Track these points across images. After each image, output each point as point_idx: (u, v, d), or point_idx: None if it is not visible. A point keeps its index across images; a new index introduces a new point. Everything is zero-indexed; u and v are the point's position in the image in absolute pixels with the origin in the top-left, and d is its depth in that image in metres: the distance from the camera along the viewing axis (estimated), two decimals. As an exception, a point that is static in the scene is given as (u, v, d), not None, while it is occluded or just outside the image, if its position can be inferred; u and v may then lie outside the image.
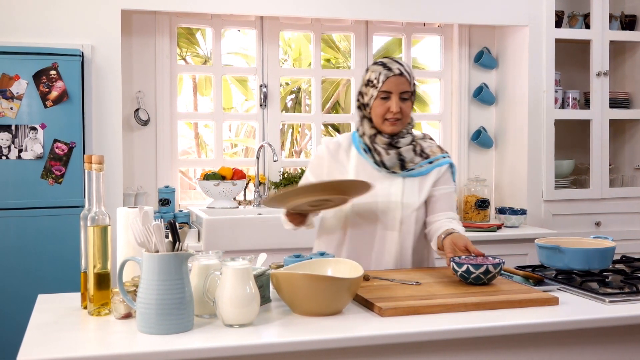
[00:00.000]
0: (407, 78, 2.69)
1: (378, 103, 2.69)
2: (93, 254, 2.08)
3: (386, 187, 2.72)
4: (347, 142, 2.82)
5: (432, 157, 2.79)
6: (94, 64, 3.92)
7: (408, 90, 2.69)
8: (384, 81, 2.66)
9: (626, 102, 4.92)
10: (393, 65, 2.69)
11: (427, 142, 2.84)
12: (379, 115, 2.70)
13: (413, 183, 2.74)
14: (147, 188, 4.40)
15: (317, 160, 2.83)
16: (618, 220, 4.81)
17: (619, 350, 2.16)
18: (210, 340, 1.84)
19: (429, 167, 2.77)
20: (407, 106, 2.70)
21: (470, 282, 2.32)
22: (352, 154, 2.78)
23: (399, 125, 2.70)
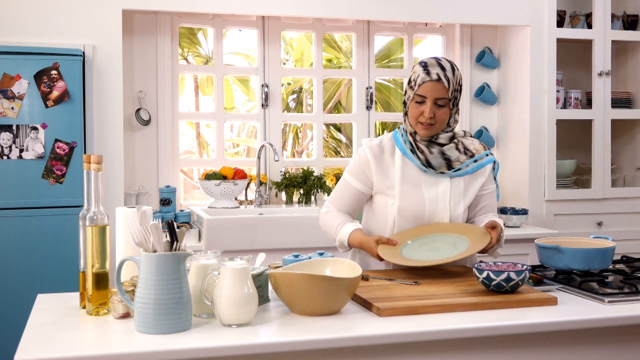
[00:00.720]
0: (445, 85, 2.60)
1: (413, 106, 2.65)
2: (91, 254, 2.08)
3: (434, 188, 2.68)
4: (390, 143, 2.76)
5: (477, 156, 2.74)
6: (95, 64, 3.92)
7: (444, 97, 2.61)
8: (420, 85, 2.61)
9: (628, 102, 4.91)
10: (433, 70, 2.62)
11: (469, 140, 2.78)
12: (413, 118, 2.67)
13: (459, 183, 2.70)
14: (149, 188, 4.40)
15: (359, 165, 2.74)
16: (620, 221, 4.80)
17: (618, 350, 2.16)
18: (208, 340, 1.84)
19: (474, 166, 2.72)
20: (442, 112, 2.63)
21: (493, 289, 2.23)
22: (397, 156, 2.72)
23: (432, 130, 2.65)
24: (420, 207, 2.65)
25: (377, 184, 2.70)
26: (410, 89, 2.66)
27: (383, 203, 2.71)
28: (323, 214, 2.80)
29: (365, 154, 2.73)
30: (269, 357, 1.86)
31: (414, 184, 2.67)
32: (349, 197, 2.76)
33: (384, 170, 2.70)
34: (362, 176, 2.73)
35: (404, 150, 2.71)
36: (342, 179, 2.80)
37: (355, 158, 2.79)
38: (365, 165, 2.72)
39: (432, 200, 2.66)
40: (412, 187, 2.67)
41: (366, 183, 2.72)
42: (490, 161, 2.75)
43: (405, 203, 2.65)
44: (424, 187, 2.67)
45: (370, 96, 4.87)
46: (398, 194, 2.66)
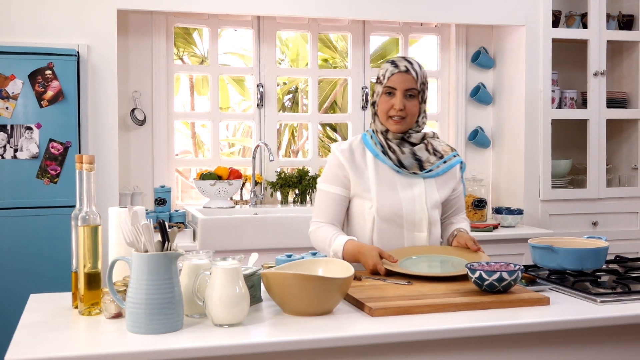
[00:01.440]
0: (414, 76, 2.67)
1: (383, 99, 2.70)
2: (83, 254, 2.08)
3: (409, 189, 2.71)
4: (360, 146, 2.77)
5: (446, 157, 2.79)
6: (90, 64, 3.92)
7: (414, 87, 2.67)
8: (389, 77, 2.67)
9: (623, 102, 4.92)
10: (400, 63, 2.69)
11: (437, 141, 2.84)
12: (383, 112, 2.70)
13: (432, 184, 2.75)
14: (144, 188, 4.40)
15: (334, 170, 2.73)
16: (615, 220, 4.81)
17: (610, 350, 2.16)
18: (199, 340, 1.84)
19: (444, 167, 2.77)
20: (412, 105, 2.68)
21: (485, 289, 2.23)
22: (369, 159, 2.73)
23: (403, 124, 2.69)
24: (398, 208, 2.67)
25: (354, 186, 2.70)
26: (379, 84, 2.71)
27: (360, 207, 2.71)
28: (313, 232, 2.75)
29: (337, 158, 2.73)
30: (260, 357, 1.86)
31: (390, 186, 2.70)
32: (332, 206, 2.73)
33: (358, 173, 2.71)
34: (339, 180, 2.72)
35: (375, 152, 2.73)
36: (320, 191, 2.77)
37: (327, 165, 2.78)
38: (340, 169, 2.72)
39: (409, 201, 2.69)
40: (388, 189, 2.69)
41: (345, 186, 2.72)
42: (458, 162, 2.82)
43: (382, 205, 2.66)
44: (400, 189, 2.70)
45: (366, 96, 4.86)
46: (375, 196, 2.67)
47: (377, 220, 2.67)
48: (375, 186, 2.68)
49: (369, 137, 2.78)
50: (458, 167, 2.83)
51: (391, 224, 2.68)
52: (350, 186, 2.71)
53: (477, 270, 2.22)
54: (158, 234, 1.93)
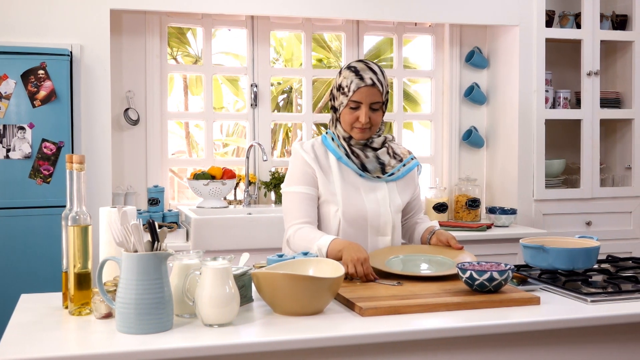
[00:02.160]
0: (379, 89, 2.64)
1: (347, 111, 2.66)
2: (73, 254, 2.08)
3: (373, 193, 2.72)
4: (322, 148, 2.74)
5: (405, 159, 2.81)
6: (83, 64, 3.91)
7: (379, 101, 2.65)
8: (355, 91, 2.62)
9: (617, 102, 4.92)
10: (366, 75, 2.63)
11: (395, 144, 2.87)
12: (347, 123, 2.68)
13: (394, 186, 2.77)
14: (137, 188, 4.39)
15: (301, 169, 2.69)
16: (609, 220, 4.81)
17: (600, 350, 2.16)
18: (189, 340, 1.84)
19: (404, 171, 2.80)
20: (377, 116, 2.67)
21: (476, 289, 2.23)
22: (332, 162, 2.72)
23: (367, 133, 2.69)
24: (363, 212, 2.68)
25: (321, 187, 2.67)
26: (344, 95, 2.65)
27: (326, 210, 2.70)
28: (292, 237, 2.66)
29: (303, 157, 2.69)
30: (250, 357, 1.86)
31: (354, 189, 2.69)
32: (306, 205, 2.66)
33: (324, 174, 2.68)
34: (308, 179, 2.68)
35: (338, 155, 2.71)
36: (288, 194, 2.70)
37: (292, 166, 2.72)
38: (308, 167, 2.68)
39: (373, 205, 2.69)
40: (353, 192, 2.69)
41: (314, 185, 2.68)
42: (415, 164, 2.85)
43: (348, 208, 2.66)
44: (364, 192, 2.70)
45: (360, 96, 4.85)
46: (340, 199, 2.66)
47: (343, 224, 2.67)
48: (341, 189, 2.67)
49: (329, 139, 2.75)
50: (416, 170, 2.86)
51: (356, 227, 2.68)
52: (319, 186, 2.67)
53: (467, 270, 2.23)
54: (148, 234, 1.93)
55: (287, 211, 2.70)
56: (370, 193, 2.71)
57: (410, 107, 7.73)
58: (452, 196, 4.79)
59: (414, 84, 8.47)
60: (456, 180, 4.89)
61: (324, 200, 2.68)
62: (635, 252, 4.79)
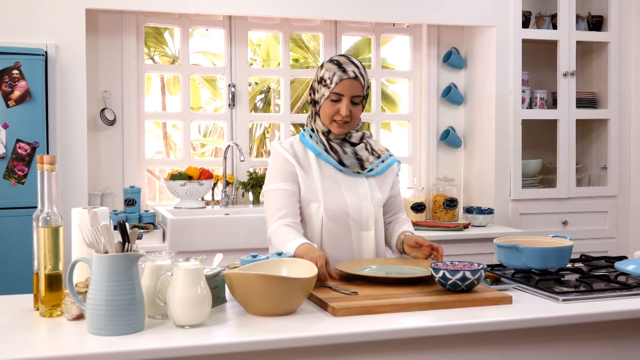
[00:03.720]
0: (361, 82, 2.66)
1: (328, 104, 2.67)
2: (44, 255, 2.07)
3: (353, 188, 2.72)
4: (300, 146, 2.75)
5: (383, 156, 2.82)
6: (59, 64, 3.89)
7: (360, 94, 2.67)
8: (337, 83, 2.63)
9: (593, 102, 4.96)
10: (348, 67, 2.65)
11: (373, 141, 2.87)
12: (327, 116, 2.68)
13: (373, 183, 2.78)
14: (114, 188, 4.37)
15: (281, 166, 2.68)
16: (585, 220, 4.85)
17: (571, 348, 2.17)
18: (160, 341, 1.83)
19: (383, 167, 2.81)
20: (357, 110, 2.68)
21: (449, 289, 2.24)
22: (311, 159, 2.72)
23: (346, 127, 2.70)
24: (344, 207, 2.68)
25: (302, 185, 2.67)
26: (325, 87, 2.65)
27: (308, 209, 2.69)
28: (271, 235, 2.64)
29: (282, 155, 2.69)
30: (221, 358, 1.85)
31: (335, 185, 2.70)
32: (285, 200, 2.64)
33: (304, 171, 2.69)
34: (288, 176, 2.67)
35: (317, 150, 2.72)
36: (269, 192, 2.68)
37: (272, 165, 2.72)
38: (287, 164, 2.68)
39: (354, 200, 2.70)
40: (334, 188, 2.69)
41: (294, 181, 2.67)
42: (394, 161, 2.85)
43: (329, 204, 2.66)
44: (344, 188, 2.70)
45: (338, 96, 4.86)
46: (321, 195, 2.66)
47: (325, 220, 2.67)
48: (321, 185, 2.67)
49: (307, 136, 2.76)
50: (395, 165, 2.86)
51: (339, 223, 2.68)
52: (300, 183, 2.67)
53: (440, 270, 2.23)
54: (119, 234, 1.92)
55: (268, 209, 2.68)
56: (350, 188, 2.71)
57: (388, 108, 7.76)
58: (430, 196, 4.81)
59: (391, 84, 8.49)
60: (434, 180, 4.91)
61: (306, 198, 2.68)
62: (611, 251, 4.83)
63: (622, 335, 2.23)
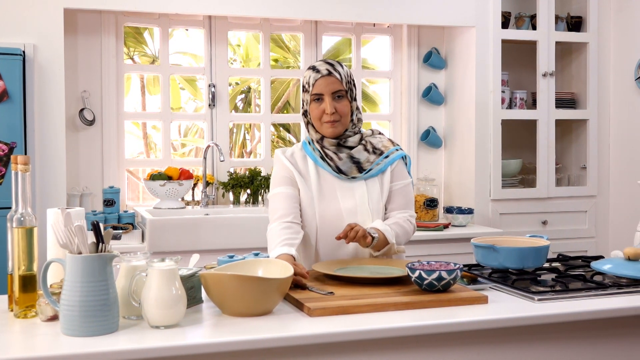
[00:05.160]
0: (337, 77, 2.67)
1: (313, 107, 2.69)
2: (18, 256, 2.05)
3: (350, 193, 2.71)
4: (300, 153, 2.79)
5: (387, 152, 2.79)
6: (37, 64, 3.86)
7: (340, 89, 2.67)
8: (313, 84, 2.67)
9: (572, 102, 4.98)
10: (322, 67, 2.68)
11: (377, 138, 2.83)
12: (316, 119, 2.70)
13: (375, 183, 2.75)
14: (93, 189, 4.35)
15: (282, 173, 2.74)
16: (564, 219, 4.87)
17: (546, 348, 2.18)
18: (135, 341, 1.83)
19: (386, 162, 2.77)
20: (343, 105, 2.68)
21: (425, 288, 2.24)
22: (310, 166, 2.75)
23: (338, 126, 2.70)
24: (338, 213, 2.69)
25: (301, 192, 2.71)
26: (306, 92, 2.71)
27: (306, 215, 2.71)
28: (267, 235, 2.69)
29: (282, 162, 2.76)
30: (196, 359, 1.85)
31: (331, 195, 2.71)
32: (285, 202, 2.69)
33: (303, 178, 2.73)
34: (287, 181, 2.73)
35: (314, 157, 2.75)
36: (270, 198, 2.75)
37: (274, 171, 2.79)
38: (286, 171, 2.74)
39: (350, 211, 2.69)
40: (330, 194, 2.71)
41: (293, 185, 2.72)
42: (399, 155, 2.81)
43: (324, 211, 2.68)
44: (341, 197, 2.71)
45: (318, 96, 4.86)
46: (317, 202, 2.69)
47: (320, 226, 2.69)
48: (317, 192, 2.70)
49: (307, 143, 2.80)
50: (399, 160, 2.80)
51: (334, 228, 2.66)
52: (299, 187, 2.72)
53: (417, 270, 2.24)
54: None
55: (269, 212, 2.74)
56: (347, 194, 2.71)
57: (369, 108, 7.76)
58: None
59: (372, 84, 8.50)
60: (414, 180, 4.91)
61: (303, 205, 2.71)
62: (591, 250, 4.86)
63: (597, 334, 2.25)
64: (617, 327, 2.27)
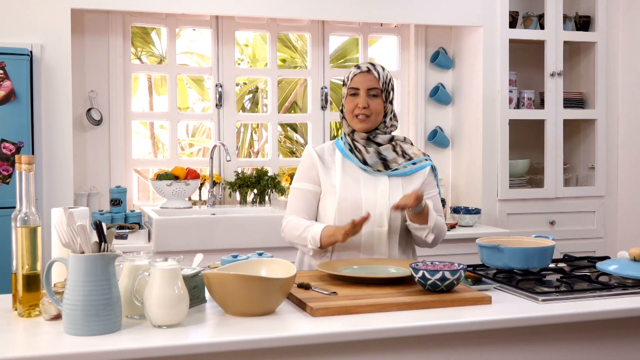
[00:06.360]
0: (375, 75, 2.75)
1: (348, 100, 2.79)
2: (21, 255, 2.06)
3: (372, 185, 2.76)
4: (331, 147, 2.88)
5: (416, 159, 2.83)
6: (44, 64, 3.88)
7: (376, 87, 2.75)
8: (352, 78, 2.78)
9: (581, 102, 4.96)
10: (363, 65, 2.80)
11: (408, 145, 2.90)
12: (349, 112, 2.79)
13: (397, 182, 2.79)
14: (100, 188, 4.36)
15: (306, 167, 2.84)
16: (572, 220, 4.85)
17: (549, 348, 2.17)
18: (137, 341, 1.83)
19: (412, 168, 2.82)
20: (376, 103, 2.76)
21: (429, 289, 2.23)
22: (337, 157, 2.83)
23: (368, 122, 2.77)
24: (358, 201, 2.73)
25: (322, 183, 2.79)
26: (345, 87, 2.82)
27: (324, 202, 2.80)
28: (285, 227, 2.80)
29: (310, 155, 2.85)
30: (198, 358, 1.85)
31: (354, 181, 2.77)
32: (303, 201, 2.81)
33: (326, 170, 2.81)
34: (310, 177, 2.82)
35: (343, 151, 2.83)
36: (292, 189, 2.87)
37: (300, 165, 2.89)
38: (312, 165, 2.82)
39: (370, 196, 2.74)
40: (352, 184, 2.77)
41: (315, 182, 2.81)
42: (428, 165, 2.86)
43: (343, 197, 2.73)
44: (363, 185, 2.76)
45: (325, 96, 4.87)
46: (338, 189, 2.75)
47: (338, 212, 2.73)
48: (340, 181, 2.76)
49: (340, 140, 2.89)
50: (428, 169, 2.84)
51: (352, 216, 2.66)
52: (320, 181, 2.80)
53: (420, 270, 2.23)
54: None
55: (288, 204, 2.86)
56: (369, 185, 2.76)
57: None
58: (418, 196, 4.80)
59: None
60: (421, 180, 4.90)
61: (324, 193, 2.80)
62: (599, 251, 4.83)
63: (602, 335, 2.23)
64: (622, 327, 2.25)
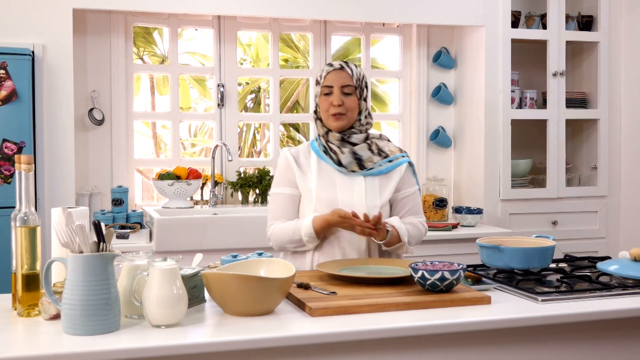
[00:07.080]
0: (349, 72, 2.74)
1: (322, 99, 2.77)
2: (21, 255, 2.06)
3: (349, 186, 2.74)
4: (306, 149, 2.86)
5: (392, 157, 2.81)
6: (46, 64, 3.88)
7: (350, 84, 2.74)
8: (325, 76, 2.76)
9: (583, 102, 4.95)
10: (336, 63, 2.78)
11: (384, 142, 2.87)
12: (324, 111, 2.77)
13: (374, 182, 2.78)
14: (102, 188, 4.37)
15: (282, 171, 2.82)
16: (575, 220, 4.84)
17: (549, 348, 2.17)
18: (135, 341, 1.83)
19: (389, 166, 2.80)
20: (350, 101, 2.74)
21: (428, 289, 2.23)
22: (312, 159, 2.81)
23: (343, 120, 2.75)
24: (334, 203, 2.71)
25: (300, 185, 2.77)
26: (318, 85, 2.80)
27: (302, 207, 2.79)
28: (271, 235, 2.78)
29: (286, 159, 2.83)
30: (196, 358, 1.85)
31: (330, 184, 2.75)
32: (284, 205, 2.79)
33: (302, 173, 2.79)
34: (288, 181, 2.80)
35: (318, 152, 2.80)
36: (271, 195, 2.85)
37: (277, 170, 2.87)
38: (288, 169, 2.80)
39: (346, 199, 2.72)
40: (328, 187, 2.75)
41: (293, 185, 2.79)
42: (405, 162, 2.84)
43: (320, 202, 2.72)
44: (339, 187, 2.74)
45: (327, 96, 4.86)
46: (314, 194, 2.73)
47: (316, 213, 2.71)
48: (316, 184, 2.75)
49: (315, 141, 2.86)
50: (405, 166, 2.82)
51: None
52: (297, 182, 2.78)
53: (419, 270, 2.23)
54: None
55: (269, 211, 2.84)
56: (346, 187, 2.74)
57: (378, 108, 7.75)
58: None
59: (381, 84, 8.50)
60: (423, 180, 4.90)
61: (302, 198, 2.79)
62: (601, 251, 4.83)
63: (602, 335, 2.23)
64: (622, 328, 2.25)
